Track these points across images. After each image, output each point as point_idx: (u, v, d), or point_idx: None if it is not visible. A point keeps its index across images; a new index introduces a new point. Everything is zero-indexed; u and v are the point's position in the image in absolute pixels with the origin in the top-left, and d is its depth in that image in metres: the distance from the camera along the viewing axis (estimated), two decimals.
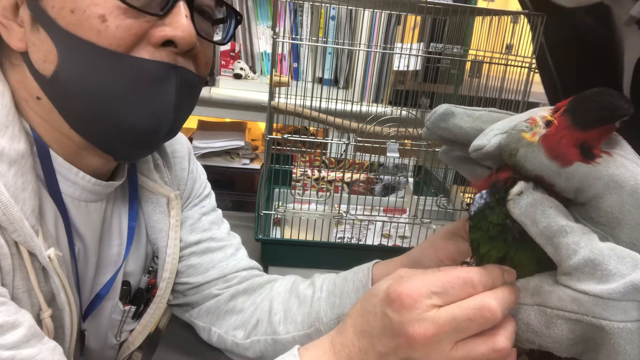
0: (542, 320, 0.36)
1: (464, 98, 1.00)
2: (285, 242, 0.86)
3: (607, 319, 0.33)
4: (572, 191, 0.36)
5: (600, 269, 0.33)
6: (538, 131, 0.36)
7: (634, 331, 0.32)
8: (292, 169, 1.06)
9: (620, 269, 0.33)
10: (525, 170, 0.37)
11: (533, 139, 0.36)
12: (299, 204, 0.89)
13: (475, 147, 0.41)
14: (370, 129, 0.82)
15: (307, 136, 0.85)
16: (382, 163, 1.17)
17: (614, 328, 0.32)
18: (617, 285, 0.32)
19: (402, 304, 0.37)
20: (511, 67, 0.84)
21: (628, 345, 0.32)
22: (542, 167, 0.36)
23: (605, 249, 0.34)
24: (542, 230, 0.36)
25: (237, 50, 1.59)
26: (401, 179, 1.15)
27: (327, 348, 0.43)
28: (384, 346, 0.38)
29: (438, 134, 0.46)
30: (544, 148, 0.36)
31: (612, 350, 0.33)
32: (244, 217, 1.23)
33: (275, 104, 0.86)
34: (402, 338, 0.37)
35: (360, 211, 1.00)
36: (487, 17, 0.90)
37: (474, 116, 0.45)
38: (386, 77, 1.61)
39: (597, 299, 0.33)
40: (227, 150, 1.65)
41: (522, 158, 0.37)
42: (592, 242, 0.34)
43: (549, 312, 0.36)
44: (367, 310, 0.40)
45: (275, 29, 0.90)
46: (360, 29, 1.54)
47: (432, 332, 0.36)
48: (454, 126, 0.44)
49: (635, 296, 0.32)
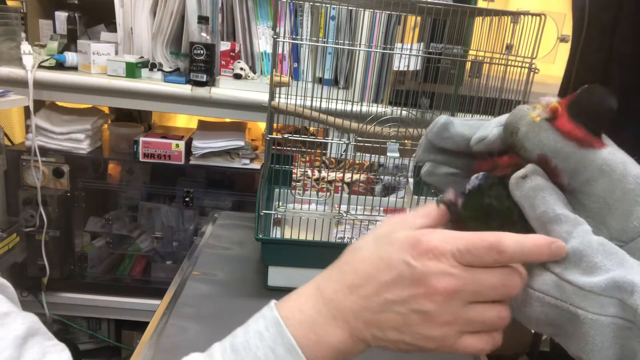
0: (521, 298, 0.37)
1: (464, 98, 1.00)
2: (286, 242, 0.86)
3: (584, 309, 0.34)
4: (569, 173, 0.38)
5: (586, 260, 0.35)
6: (543, 113, 0.38)
7: (606, 325, 0.34)
8: (292, 169, 1.06)
9: (606, 263, 0.34)
10: (525, 150, 0.39)
11: (537, 119, 0.38)
12: (299, 204, 0.89)
13: (478, 138, 0.42)
14: (370, 129, 0.82)
15: (307, 136, 0.85)
16: (382, 163, 1.17)
17: (588, 319, 0.34)
18: (600, 279, 0.34)
19: (428, 254, 0.36)
20: (511, 67, 0.84)
21: (598, 337, 0.34)
22: (541, 145, 0.38)
23: (595, 243, 0.35)
24: (538, 215, 0.37)
25: (237, 50, 1.59)
26: (401, 179, 1.15)
27: (312, 293, 0.40)
28: (394, 294, 0.37)
29: (438, 146, 0.46)
30: (547, 124, 0.37)
31: (582, 340, 0.35)
32: (244, 217, 1.23)
33: (275, 104, 0.87)
34: (422, 288, 0.36)
35: (360, 211, 1.00)
36: (487, 17, 0.90)
37: (470, 125, 0.46)
38: (386, 77, 1.61)
39: (578, 290, 0.34)
40: (227, 150, 1.65)
41: (523, 136, 0.38)
42: (584, 234, 0.36)
43: (530, 293, 0.37)
44: (378, 255, 0.38)
45: (275, 29, 0.90)
46: (360, 29, 1.54)
47: (454, 288, 0.36)
48: (457, 134, 0.45)
49: (614, 293, 0.33)
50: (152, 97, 1.54)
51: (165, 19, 1.58)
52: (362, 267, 0.39)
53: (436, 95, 1.04)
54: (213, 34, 1.59)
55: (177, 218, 1.76)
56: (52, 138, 1.58)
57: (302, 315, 0.40)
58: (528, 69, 0.81)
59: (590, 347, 0.34)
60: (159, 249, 1.78)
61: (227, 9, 1.61)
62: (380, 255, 0.39)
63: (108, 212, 1.80)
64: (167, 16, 1.57)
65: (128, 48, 1.62)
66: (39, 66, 1.50)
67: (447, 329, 0.37)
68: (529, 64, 0.81)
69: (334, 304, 0.39)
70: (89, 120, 1.64)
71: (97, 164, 1.82)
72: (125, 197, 1.90)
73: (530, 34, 0.79)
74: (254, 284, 0.87)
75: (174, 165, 1.63)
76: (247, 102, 1.53)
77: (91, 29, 1.73)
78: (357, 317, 0.38)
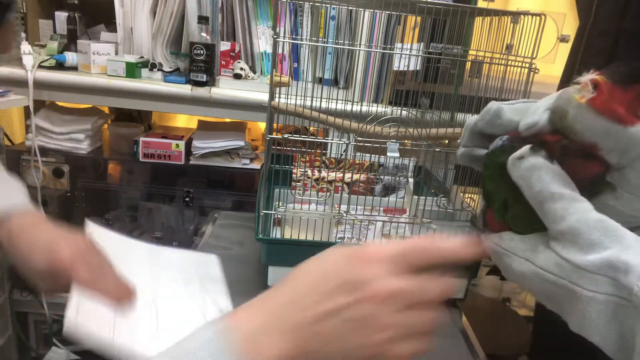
0: (524, 272, 0.39)
1: (464, 98, 1.00)
2: (286, 242, 0.86)
3: (581, 286, 0.35)
4: (619, 152, 0.38)
5: (582, 238, 0.36)
6: (587, 93, 0.38)
7: (601, 302, 0.34)
8: (292, 169, 1.06)
9: (604, 241, 0.35)
10: (575, 133, 0.39)
11: (582, 100, 0.38)
12: (299, 204, 0.89)
13: (528, 124, 0.42)
14: (370, 129, 0.82)
15: (307, 136, 0.85)
16: (382, 163, 1.17)
17: (584, 296, 0.35)
18: (595, 257, 0.35)
19: (365, 262, 0.38)
20: (511, 67, 0.84)
21: (595, 314, 0.35)
22: (592, 127, 0.38)
23: (593, 220, 0.36)
24: (535, 194, 0.38)
25: (237, 50, 1.59)
26: (401, 179, 1.15)
27: (259, 306, 0.41)
28: (334, 303, 0.37)
29: (487, 133, 0.47)
30: (594, 108, 0.38)
31: (580, 316, 0.36)
32: (244, 217, 1.23)
33: (275, 104, 0.87)
34: (360, 293, 0.37)
35: (360, 211, 1.00)
36: (487, 17, 0.90)
37: (518, 109, 0.46)
38: (386, 77, 1.61)
39: (575, 267, 0.36)
40: (227, 150, 1.65)
41: (572, 119, 0.38)
42: (582, 212, 0.37)
43: (532, 268, 0.39)
44: (319, 268, 0.40)
45: (275, 29, 0.90)
46: (360, 29, 1.54)
47: (391, 291, 0.37)
48: (508, 121, 0.45)
49: (608, 272, 0.34)
50: (152, 97, 1.54)
51: (165, 19, 1.58)
52: (305, 280, 0.40)
53: (436, 95, 1.04)
54: (213, 34, 1.59)
55: (177, 218, 1.76)
56: (52, 138, 1.58)
57: (248, 325, 0.39)
58: (528, 69, 0.81)
59: (588, 323, 0.35)
60: None
61: (227, 9, 1.61)
62: (320, 268, 0.41)
63: (108, 212, 1.80)
64: (167, 16, 1.57)
65: (128, 48, 1.63)
66: (39, 66, 1.50)
67: (384, 335, 0.37)
68: (529, 64, 0.81)
69: (278, 317, 0.39)
70: (89, 120, 1.64)
71: (97, 164, 1.82)
72: (125, 197, 1.90)
73: (530, 34, 0.79)
74: (254, 284, 0.86)
75: (174, 165, 1.63)
76: (247, 102, 1.53)
77: (91, 29, 1.73)
78: (300, 329, 0.38)
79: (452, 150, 0.92)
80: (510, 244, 0.42)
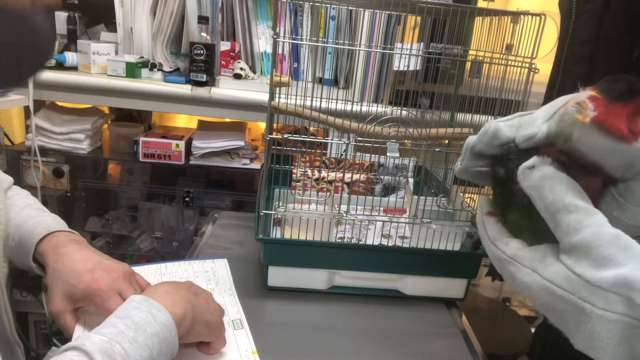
0: (529, 283, 0.38)
1: (464, 98, 1.00)
2: (286, 242, 0.86)
3: (591, 303, 0.34)
4: (623, 167, 0.37)
5: (596, 252, 0.34)
6: (589, 112, 0.37)
7: (612, 321, 0.33)
8: (292, 169, 1.06)
9: (618, 257, 0.33)
10: (581, 153, 0.38)
11: (585, 120, 0.37)
12: (299, 204, 0.89)
13: (526, 136, 0.41)
14: (370, 129, 0.82)
15: (307, 136, 0.85)
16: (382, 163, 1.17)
17: (594, 313, 0.33)
18: (609, 274, 0.33)
19: None
20: (511, 67, 0.84)
21: (604, 333, 0.33)
22: (597, 147, 0.37)
23: (609, 235, 0.34)
24: (547, 205, 0.37)
25: (237, 50, 1.59)
26: (401, 179, 1.15)
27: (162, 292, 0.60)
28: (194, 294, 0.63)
29: (487, 154, 0.46)
30: (599, 126, 0.37)
31: (587, 334, 0.34)
32: (244, 217, 1.23)
33: (275, 104, 0.86)
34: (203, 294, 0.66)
35: (360, 211, 1.00)
36: (487, 17, 0.90)
37: (514, 125, 0.45)
38: (386, 77, 1.61)
39: (586, 283, 0.34)
40: (227, 150, 1.65)
41: (577, 141, 0.37)
42: (598, 225, 0.35)
43: (539, 280, 0.37)
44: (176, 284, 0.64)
45: (275, 29, 0.90)
46: (360, 29, 1.54)
47: None
48: (506, 139, 0.44)
49: (623, 290, 0.33)
50: (152, 97, 1.54)
51: (165, 19, 1.58)
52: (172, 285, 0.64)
53: (436, 95, 1.04)
54: (213, 34, 1.59)
55: (177, 218, 1.76)
56: (52, 138, 1.58)
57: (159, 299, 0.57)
58: (528, 69, 0.81)
59: (596, 343, 0.33)
60: (159, 249, 1.78)
61: (227, 9, 1.61)
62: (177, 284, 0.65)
63: (108, 212, 1.80)
64: (167, 16, 1.57)
65: (128, 48, 1.63)
66: None
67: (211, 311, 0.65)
68: (529, 64, 0.81)
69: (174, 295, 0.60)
70: (89, 120, 1.64)
71: (97, 164, 1.82)
72: (125, 197, 1.90)
73: (530, 34, 0.79)
74: (254, 284, 0.87)
75: (174, 165, 1.63)
76: (247, 102, 1.53)
77: (91, 29, 1.73)
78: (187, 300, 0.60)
79: (452, 150, 0.92)
80: (516, 252, 0.40)
